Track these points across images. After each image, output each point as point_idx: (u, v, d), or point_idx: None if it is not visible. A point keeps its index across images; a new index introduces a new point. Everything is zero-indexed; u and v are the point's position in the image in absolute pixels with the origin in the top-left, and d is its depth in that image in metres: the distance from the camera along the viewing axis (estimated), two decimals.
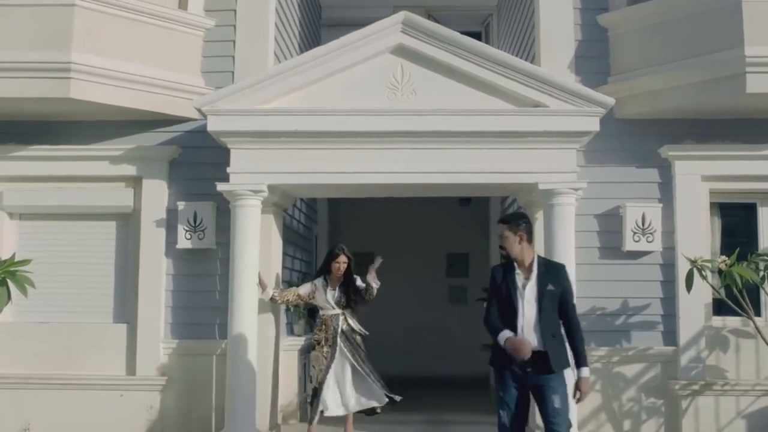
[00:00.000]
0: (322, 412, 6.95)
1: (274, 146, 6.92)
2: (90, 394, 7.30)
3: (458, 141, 6.82)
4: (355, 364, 7.08)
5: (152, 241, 7.47)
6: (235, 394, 6.79)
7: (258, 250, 7.00)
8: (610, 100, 6.75)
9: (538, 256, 5.18)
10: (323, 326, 7.17)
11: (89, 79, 6.91)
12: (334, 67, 6.90)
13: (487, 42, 10.79)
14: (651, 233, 7.22)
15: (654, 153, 7.34)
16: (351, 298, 7.26)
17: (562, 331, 5.03)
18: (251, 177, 6.91)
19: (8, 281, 6.07)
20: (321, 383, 7.00)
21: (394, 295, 13.35)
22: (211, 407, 7.34)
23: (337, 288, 7.22)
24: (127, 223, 7.65)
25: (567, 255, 6.65)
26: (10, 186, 7.65)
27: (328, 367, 7.05)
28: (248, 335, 6.84)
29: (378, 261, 7.44)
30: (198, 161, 7.51)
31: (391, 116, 6.82)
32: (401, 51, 6.93)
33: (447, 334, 12.97)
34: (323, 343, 7.11)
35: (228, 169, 6.96)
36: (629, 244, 7.25)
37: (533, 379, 4.91)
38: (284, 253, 8.78)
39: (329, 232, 12.09)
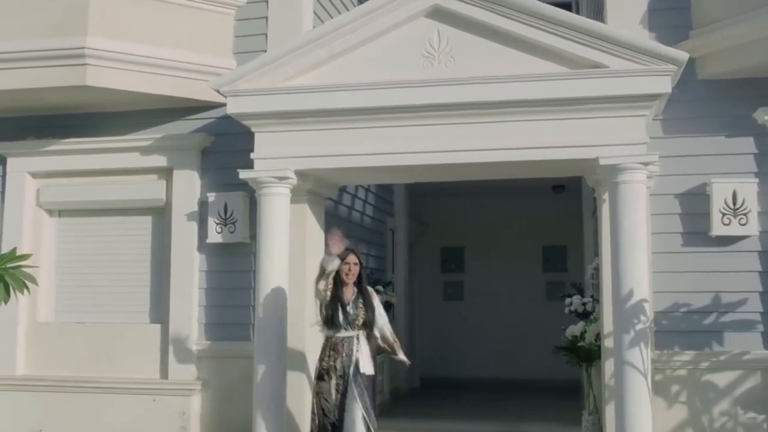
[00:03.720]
0: None
1: (299, 128, 6.25)
2: (123, 398, 6.90)
3: (504, 113, 5.89)
4: (366, 415, 5.38)
5: (184, 235, 6.98)
6: (262, 403, 6.16)
7: (287, 243, 6.34)
8: (683, 55, 5.63)
9: None
10: (332, 352, 5.51)
11: (106, 64, 6.51)
12: (360, 36, 6.14)
13: (577, 12, 9.69)
14: (744, 214, 6.03)
15: (747, 118, 6.08)
16: (367, 317, 5.60)
17: None
18: (275, 162, 6.27)
19: (6, 278, 5.70)
20: (335, 425, 5.47)
21: (486, 293, 12.50)
22: (247, 414, 6.76)
23: (351, 302, 5.58)
24: (162, 217, 7.21)
25: (635, 241, 5.61)
26: (47, 182, 7.40)
27: (342, 405, 5.43)
28: (275, 336, 6.20)
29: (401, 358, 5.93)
30: (231, 149, 6.95)
31: (426, 87, 5.98)
32: (437, 13, 6.08)
33: (544, 334, 11.90)
34: (332, 373, 5.49)
35: (252, 155, 6.36)
36: (718, 228, 6.09)
37: None
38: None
39: (409, 226, 11.32)
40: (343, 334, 5.53)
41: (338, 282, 5.56)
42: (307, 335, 6.70)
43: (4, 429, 7.11)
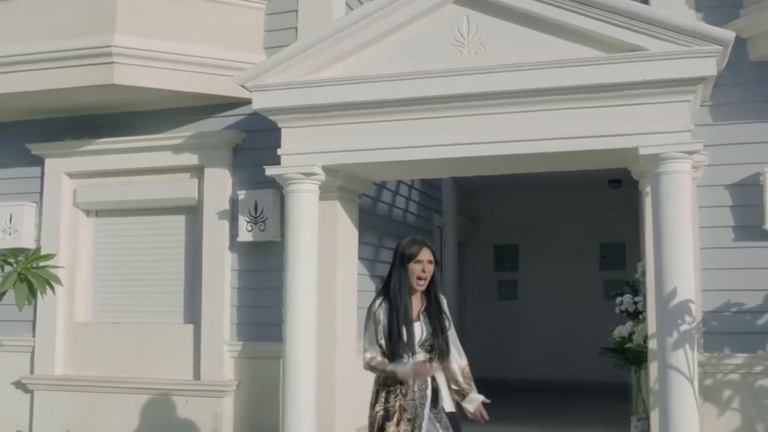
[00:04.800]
0: None
1: (326, 122, 6.06)
2: (156, 399, 6.83)
3: (537, 101, 5.58)
4: None
5: (215, 234, 6.88)
6: (291, 409, 5.99)
7: (315, 242, 6.15)
8: (729, 35, 5.21)
9: None
10: (398, 388, 4.04)
11: (134, 62, 6.45)
12: (387, 26, 5.90)
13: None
14: None
15: None
16: (443, 335, 4.15)
17: None
18: (302, 158, 6.10)
19: (29, 278, 5.68)
20: None
21: (542, 292, 12.10)
22: (280, 418, 6.62)
23: (421, 315, 4.13)
24: (195, 216, 7.13)
25: (679, 236, 5.23)
26: (83, 182, 7.40)
27: None
28: (303, 338, 6.02)
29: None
30: (262, 146, 6.81)
31: (455, 77, 5.71)
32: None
33: (601, 335, 11.43)
34: (398, 417, 4.03)
35: (278, 151, 6.21)
36: None
37: None
38: (381, 246, 7.95)
39: (458, 224, 11.03)
40: (413, 359, 4.04)
41: (401, 289, 4.08)
42: (338, 337, 6.52)
43: (43, 428, 7.15)
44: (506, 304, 12.40)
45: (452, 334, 4.28)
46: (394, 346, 4.00)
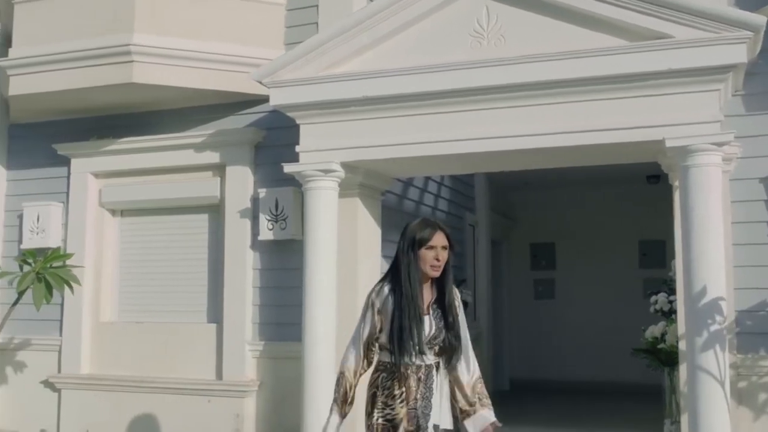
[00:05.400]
0: None
1: (343, 117, 5.96)
2: (179, 398, 6.80)
3: (557, 93, 5.39)
4: None
5: (237, 233, 6.82)
6: (310, 410, 5.90)
7: (334, 240, 6.05)
8: (759, 20, 4.94)
9: None
10: (402, 389, 3.47)
11: (153, 61, 6.45)
12: (404, 18, 5.77)
13: None
14: None
15: None
16: (454, 330, 3.53)
17: None
18: (320, 155, 6.01)
19: (47, 278, 5.70)
20: None
21: (579, 291, 11.83)
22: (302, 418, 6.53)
23: (430, 308, 3.54)
24: (217, 214, 7.08)
25: (708, 232, 5.00)
26: (108, 182, 7.42)
27: None
28: (322, 338, 5.92)
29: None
30: (283, 143, 6.72)
31: (474, 69, 5.55)
32: None
33: (640, 335, 11.13)
34: (402, 425, 3.45)
35: (297, 148, 6.13)
36: None
37: None
38: None
39: (492, 221, 10.83)
40: (417, 361, 3.46)
41: (411, 277, 3.46)
42: None
43: (71, 427, 7.18)
44: (543, 304, 12.16)
45: (464, 336, 3.59)
46: (404, 345, 3.39)
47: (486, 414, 3.53)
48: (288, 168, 6.11)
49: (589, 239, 11.77)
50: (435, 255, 3.48)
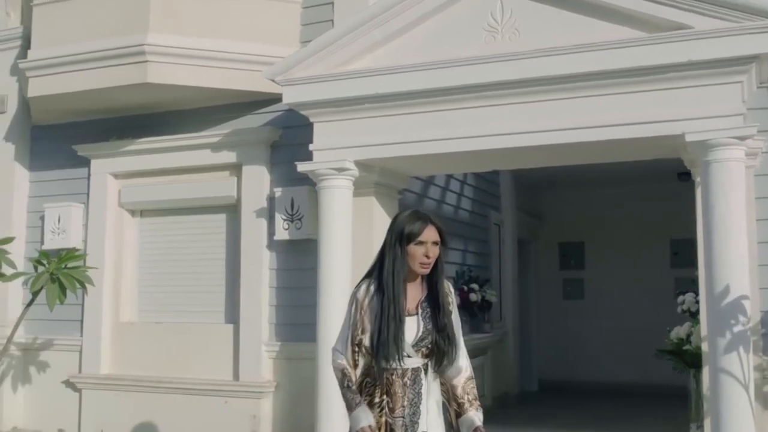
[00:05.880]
0: None
1: (356, 115, 5.89)
2: (196, 399, 6.78)
3: (573, 88, 5.26)
4: None
5: (253, 233, 6.78)
6: (324, 411, 5.83)
7: (349, 239, 5.98)
8: None
9: None
10: (383, 397, 3.22)
11: (168, 60, 6.44)
12: (417, 13, 5.69)
13: None
14: None
15: None
16: (445, 332, 3.24)
17: None
18: (333, 153, 5.95)
19: (61, 279, 5.70)
20: None
21: (609, 291, 11.60)
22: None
23: (419, 308, 3.26)
24: (235, 214, 7.05)
25: (731, 229, 4.84)
26: (127, 182, 7.43)
27: None
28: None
29: None
30: (298, 142, 6.63)
31: (488, 64, 5.44)
32: None
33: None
34: None
35: (310, 146, 6.06)
36: None
37: None
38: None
39: (518, 220, 10.66)
40: (405, 364, 3.20)
41: (395, 274, 3.18)
42: None
43: (91, 427, 7.20)
44: (572, 304, 11.94)
45: (457, 335, 3.29)
46: (381, 348, 3.13)
47: (472, 416, 3.26)
48: (301, 167, 6.05)
49: (619, 238, 11.53)
50: (425, 251, 3.19)
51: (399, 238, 3.23)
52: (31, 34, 7.17)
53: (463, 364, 3.33)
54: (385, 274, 3.22)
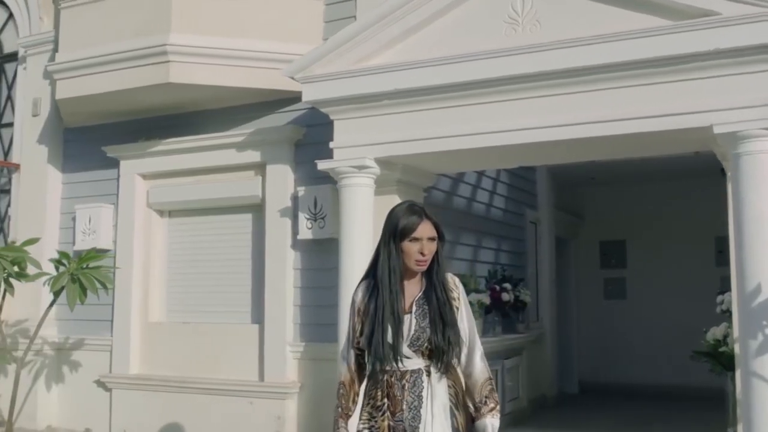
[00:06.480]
0: None
1: (375, 112, 5.80)
2: (222, 400, 6.76)
3: (596, 80, 5.08)
4: None
5: (277, 232, 6.74)
6: None
7: (370, 239, 5.87)
8: None
9: None
10: (385, 399, 3.06)
11: (189, 60, 6.45)
12: (435, 7, 5.57)
13: None
14: None
15: None
16: (444, 330, 3.04)
17: None
18: (352, 151, 5.87)
19: (81, 280, 5.73)
20: None
21: (652, 290, 11.30)
22: None
23: (415, 304, 3.09)
24: (260, 214, 7.02)
25: (762, 225, 4.62)
26: (155, 183, 7.46)
27: None
28: None
29: None
30: (322, 140, 6.53)
31: (509, 57, 5.29)
32: None
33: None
34: None
35: (331, 144, 5.99)
36: None
37: None
38: (457, 243, 7.62)
39: (556, 219, 10.43)
40: (403, 366, 3.05)
41: (390, 272, 3.05)
42: None
43: (121, 427, 7.24)
44: (614, 304, 11.64)
45: (469, 334, 3.11)
46: (377, 349, 2.99)
47: (486, 423, 3.06)
48: (322, 165, 5.98)
49: (662, 236, 11.20)
50: (420, 248, 3.03)
51: (393, 235, 3.09)
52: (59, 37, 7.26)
53: (478, 364, 3.13)
54: (379, 272, 3.09)
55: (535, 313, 9.52)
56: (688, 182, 10.78)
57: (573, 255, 11.48)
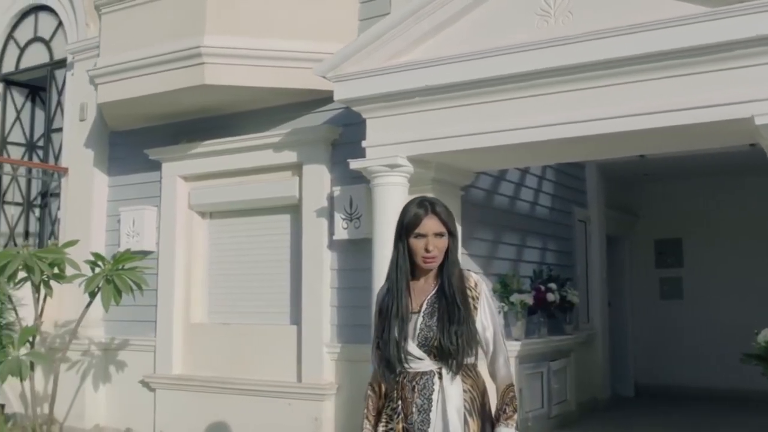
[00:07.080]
0: None
1: (406, 110, 5.72)
2: (261, 401, 6.76)
3: (631, 71, 4.91)
4: None
5: (314, 232, 6.71)
6: None
7: None
8: None
9: None
10: (399, 401, 2.96)
11: (224, 62, 6.47)
12: (465, 1, 5.46)
13: None
14: None
15: None
16: (452, 329, 2.90)
17: None
18: (384, 149, 5.80)
19: (115, 281, 5.79)
20: None
21: (710, 290, 10.90)
22: None
23: (426, 303, 2.97)
24: (298, 214, 7.00)
25: None
26: (196, 185, 7.52)
27: None
28: None
29: None
30: (358, 140, 6.48)
31: (541, 49, 5.15)
32: None
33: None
34: None
35: (363, 143, 5.93)
36: None
37: None
38: (499, 242, 7.47)
39: (607, 217, 10.15)
40: (413, 367, 2.95)
41: (398, 271, 2.97)
42: None
43: (165, 427, 7.32)
44: (670, 304, 11.26)
45: (490, 335, 3.00)
46: (383, 350, 2.95)
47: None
48: (354, 164, 5.93)
49: (721, 234, 10.78)
50: (425, 244, 2.90)
51: (400, 231, 2.99)
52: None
53: (501, 369, 3.02)
54: (390, 270, 3.03)
55: (585, 313, 9.27)
56: (747, 178, 10.37)
57: (627, 254, 11.16)
